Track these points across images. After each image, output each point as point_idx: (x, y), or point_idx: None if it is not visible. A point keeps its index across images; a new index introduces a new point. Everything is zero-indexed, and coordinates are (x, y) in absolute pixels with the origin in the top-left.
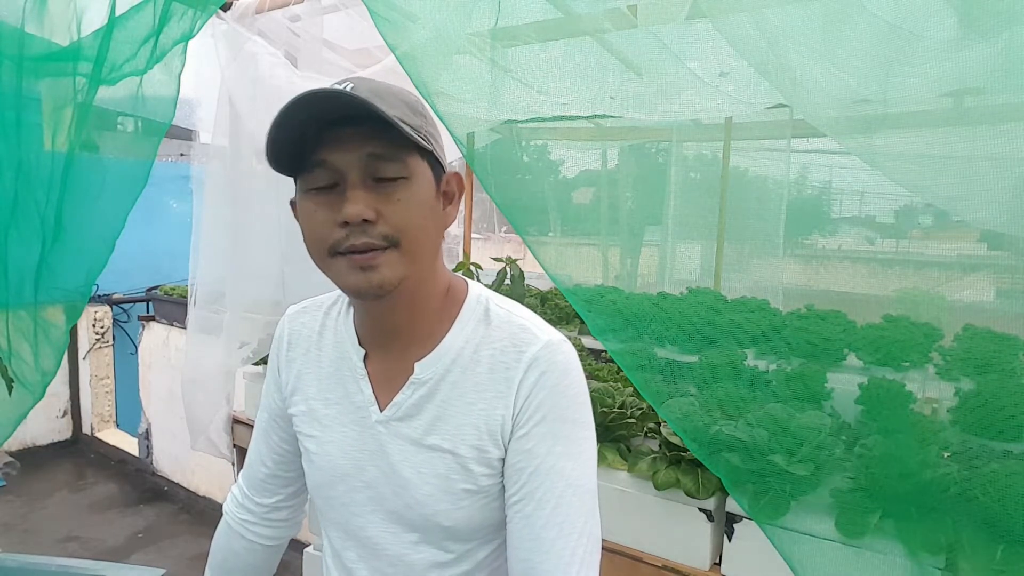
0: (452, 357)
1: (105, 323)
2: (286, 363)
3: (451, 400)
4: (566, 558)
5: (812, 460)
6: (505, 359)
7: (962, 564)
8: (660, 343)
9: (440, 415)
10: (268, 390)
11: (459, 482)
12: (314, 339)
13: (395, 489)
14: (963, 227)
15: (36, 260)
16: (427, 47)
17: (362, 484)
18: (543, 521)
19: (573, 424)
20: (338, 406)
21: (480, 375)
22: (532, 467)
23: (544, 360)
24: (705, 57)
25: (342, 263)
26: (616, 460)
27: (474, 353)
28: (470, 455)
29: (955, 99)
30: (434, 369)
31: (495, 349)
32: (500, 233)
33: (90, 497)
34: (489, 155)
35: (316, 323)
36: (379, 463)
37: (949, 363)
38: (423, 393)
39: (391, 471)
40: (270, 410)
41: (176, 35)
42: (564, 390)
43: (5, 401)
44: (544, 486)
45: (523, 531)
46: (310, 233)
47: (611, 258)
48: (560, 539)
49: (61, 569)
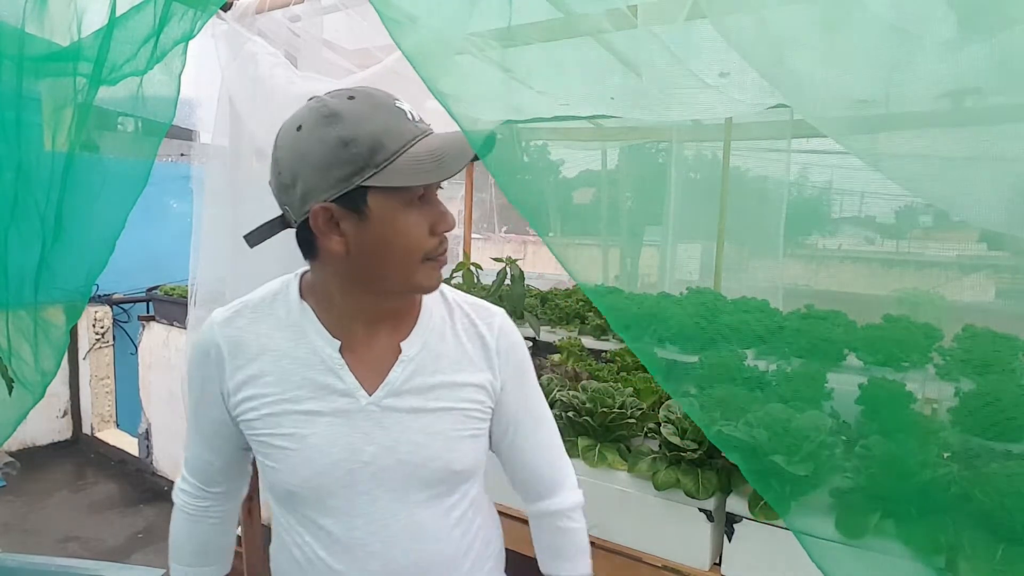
0: (429, 332)
1: (105, 323)
2: (230, 372)
3: (439, 367)
4: (558, 452)
5: (812, 460)
6: (478, 329)
7: (962, 564)
8: (661, 343)
9: (431, 382)
10: (202, 403)
11: (463, 431)
12: (261, 343)
13: (402, 457)
14: (963, 227)
15: (36, 260)
16: (428, 47)
17: (361, 464)
18: (537, 440)
19: (530, 370)
20: (314, 400)
21: (459, 343)
22: (521, 408)
23: (507, 327)
24: (705, 57)
25: (430, 267)
26: (616, 460)
27: (445, 326)
28: (469, 407)
29: (955, 99)
30: (418, 345)
31: (465, 322)
32: (500, 233)
33: (90, 497)
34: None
35: (255, 326)
36: (378, 440)
37: (949, 363)
38: (413, 368)
39: (395, 443)
40: (211, 420)
41: (176, 35)
42: (522, 347)
43: (5, 401)
44: (530, 418)
45: (525, 452)
46: (410, 243)
47: (611, 258)
48: (552, 448)
49: (61, 569)
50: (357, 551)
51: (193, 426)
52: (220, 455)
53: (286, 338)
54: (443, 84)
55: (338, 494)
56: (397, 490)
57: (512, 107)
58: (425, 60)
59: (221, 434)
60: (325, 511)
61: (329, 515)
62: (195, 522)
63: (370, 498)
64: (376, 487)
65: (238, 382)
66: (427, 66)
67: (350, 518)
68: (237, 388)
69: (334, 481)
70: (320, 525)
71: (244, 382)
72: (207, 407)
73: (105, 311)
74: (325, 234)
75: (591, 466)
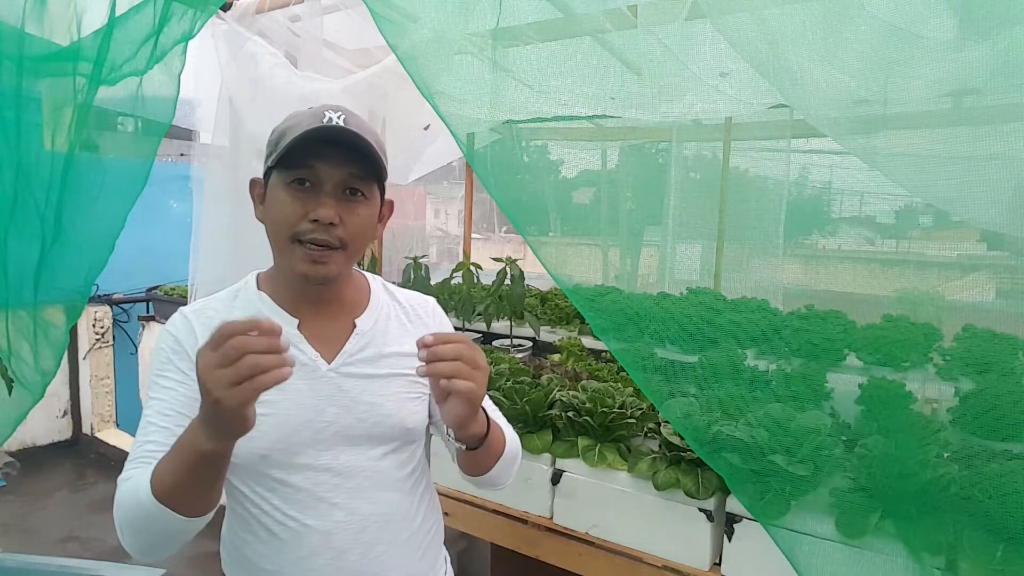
0: (379, 312)
1: (105, 323)
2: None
3: (387, 341)
4: (494, 409)
5: (812, 460)
6: (417, 310)
7: (962, 564)
8: (660, 343)
9: (382, 352)
10: (172, 384)
11: (411, 393)
12: None
13: (360, 416)
14: (963, 227)
15: (36, 260)
16: (427, 47)
17: (325, 423)
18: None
19: None
20: None
21: (402, 321)
22: None
23: (439, 309)
24: (705, 57)
25: (299, 251)
26: (616, 460)
27: (390, 309)
28: (412, 373)
29: (955, 99)
30: (370, 322)
31: (408, 305)
32: (500, 233)
33: (90, 497)
34: (489, 155)
35: (219, 316)
36: (338, 402)
37: (949, 363)
38: (366, 340)
39: (353, 404)
40: (182, 401)
41: (176, 35)
42: (451, 327)
43: (5, 401)
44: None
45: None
46: (279, 217)
47: (611, 258)
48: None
49: (61, 569)
50: (323, 504)
51: (158, 427)
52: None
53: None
54: (442, 84)
55: (305, 452)
56: (357, 446)
57: (512, 107)
58: (424, 60)
59: (194, 408)
60: (293, 469)
61: (297, 472)
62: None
63: (333, 454)
64: (339, 443)
65: None
66: (426, 66)
67: (315, 472)
68: None
69: (302, 440)
70: (288, 483)
71: None
72: (177, 396)
73: (105, 311)
74: (255, 203)
75: (591, 466)
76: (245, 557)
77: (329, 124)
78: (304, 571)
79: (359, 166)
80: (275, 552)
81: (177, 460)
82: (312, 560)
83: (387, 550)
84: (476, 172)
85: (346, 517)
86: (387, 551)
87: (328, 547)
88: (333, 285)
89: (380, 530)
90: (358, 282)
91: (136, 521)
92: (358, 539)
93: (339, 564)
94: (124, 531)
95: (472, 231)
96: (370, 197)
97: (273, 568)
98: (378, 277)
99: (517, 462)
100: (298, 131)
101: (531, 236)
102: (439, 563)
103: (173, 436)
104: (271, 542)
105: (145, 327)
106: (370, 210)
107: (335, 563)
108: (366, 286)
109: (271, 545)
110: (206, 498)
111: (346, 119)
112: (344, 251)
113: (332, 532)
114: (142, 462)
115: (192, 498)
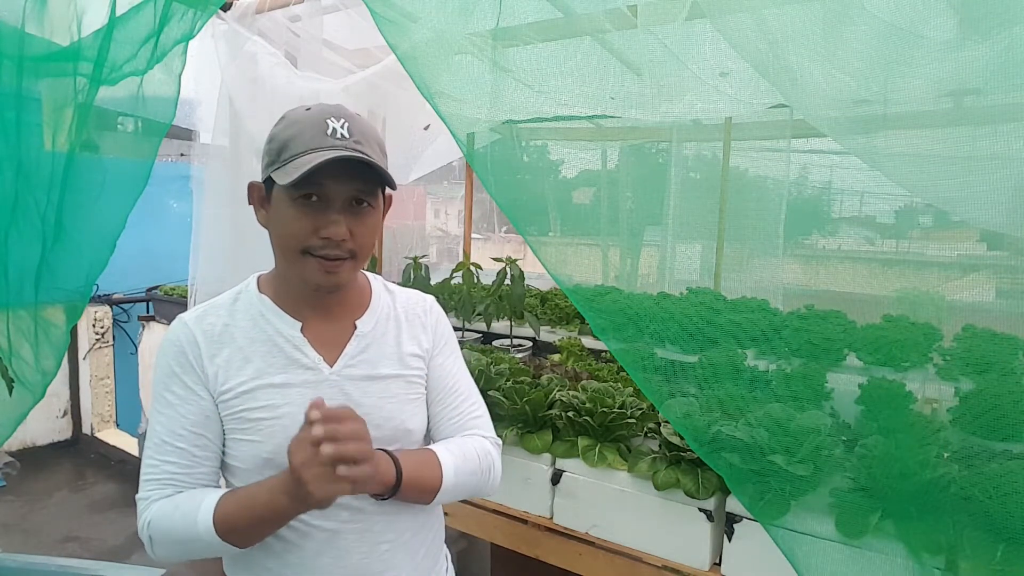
0: (380, 314)
1: (105, 323)
2: (208, 360)
3: (387, 342)
4: (481, 410)
5: (812, 460)
6: (416, 310)
7: (962, 564)
8: (660, 343)
9: (382, 353)
10: (179, 401)
11: (410, 394)
12: (231, 332)
13: (363, 417)
14: (963, 227)
15: (36, 260)
16: (427, 47)
17: None
18: (465, 402)
19: (455, 343)
20: (286, 373)
21: (400, 322)
22: (450, 375)
23: (437, 308)
24: (705, 57)
25: (312, 263)
26: (616, 460)
27: (392, 310)
28: (410, 374)
29: (955, 99)
30: (371, 323)
31: (407, 306)
32: (500, 233)
33: (90, 497)
34: (489, 155)
35: (221, 321)
36: (341, 403)
37: (949, 363)
38: (367, 342)
39: (355, 406)
40: (193, 419)
41: (176, 35)
42: (448, 325)
43: (5, 401)
44: (458, 384)
45: (454, 409)
46: (288, 231)
47: (611, 258)
48: (476, 407)
49: (61, 569)
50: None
51: (170, 433)
52: (205, 457)
53: (252, 325)
54: (442, 84)
55: None
56: None
57: (512, 107)
58: (424, 60)
59: (205, 430)
60: None
61: None
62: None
63: None
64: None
65: (216, 365)
66: (426, 66)
67: None
68: (215, 371)
69: None
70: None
71: (221, 365)
72: (184, 403)
73: (105, 311)
74: (255, 207)
75: (591, 466)
76: (248, 556)
77: (334, 137)
78: (309, 570)
79: (367, 181)
80: (279, 551)
81: (252, 514)
82: (317, 559)
83: (391, 549)
84: (476, 172)
85: (351, 517)
86: (391, 550)
87: (333, 546)
88: (341, 289)
89: (384, 529)
90: (360, 283)
91: (185, 543)
92: (363, 538)
93: (344, 563)
94: (161, 545)
95: (472, 231)
96: (375, 205)
97: (277, 567)
98: (379, 277)
99: (474, 483)
100: (302, 145)
101: (531, 236)
102: (440, 561)
103: (192, 457)
104: (275, 542)
105: (145, 327)
106: (376, 216)
107: (339, 562)
108: (368, 287)
109: (275, 545)
110: (265, 536)
111: (349, 126)
112: (354, 260)
113: (337, 532)
114: (166, 484)
115: (256, 539)
